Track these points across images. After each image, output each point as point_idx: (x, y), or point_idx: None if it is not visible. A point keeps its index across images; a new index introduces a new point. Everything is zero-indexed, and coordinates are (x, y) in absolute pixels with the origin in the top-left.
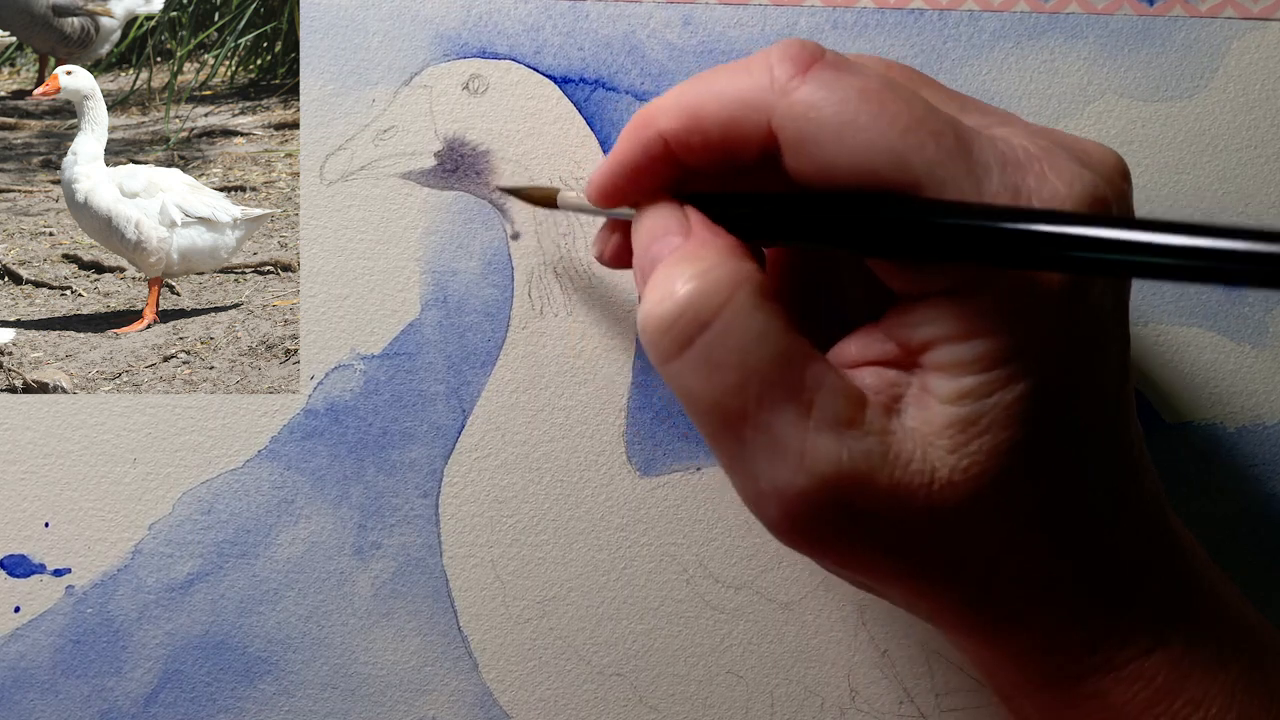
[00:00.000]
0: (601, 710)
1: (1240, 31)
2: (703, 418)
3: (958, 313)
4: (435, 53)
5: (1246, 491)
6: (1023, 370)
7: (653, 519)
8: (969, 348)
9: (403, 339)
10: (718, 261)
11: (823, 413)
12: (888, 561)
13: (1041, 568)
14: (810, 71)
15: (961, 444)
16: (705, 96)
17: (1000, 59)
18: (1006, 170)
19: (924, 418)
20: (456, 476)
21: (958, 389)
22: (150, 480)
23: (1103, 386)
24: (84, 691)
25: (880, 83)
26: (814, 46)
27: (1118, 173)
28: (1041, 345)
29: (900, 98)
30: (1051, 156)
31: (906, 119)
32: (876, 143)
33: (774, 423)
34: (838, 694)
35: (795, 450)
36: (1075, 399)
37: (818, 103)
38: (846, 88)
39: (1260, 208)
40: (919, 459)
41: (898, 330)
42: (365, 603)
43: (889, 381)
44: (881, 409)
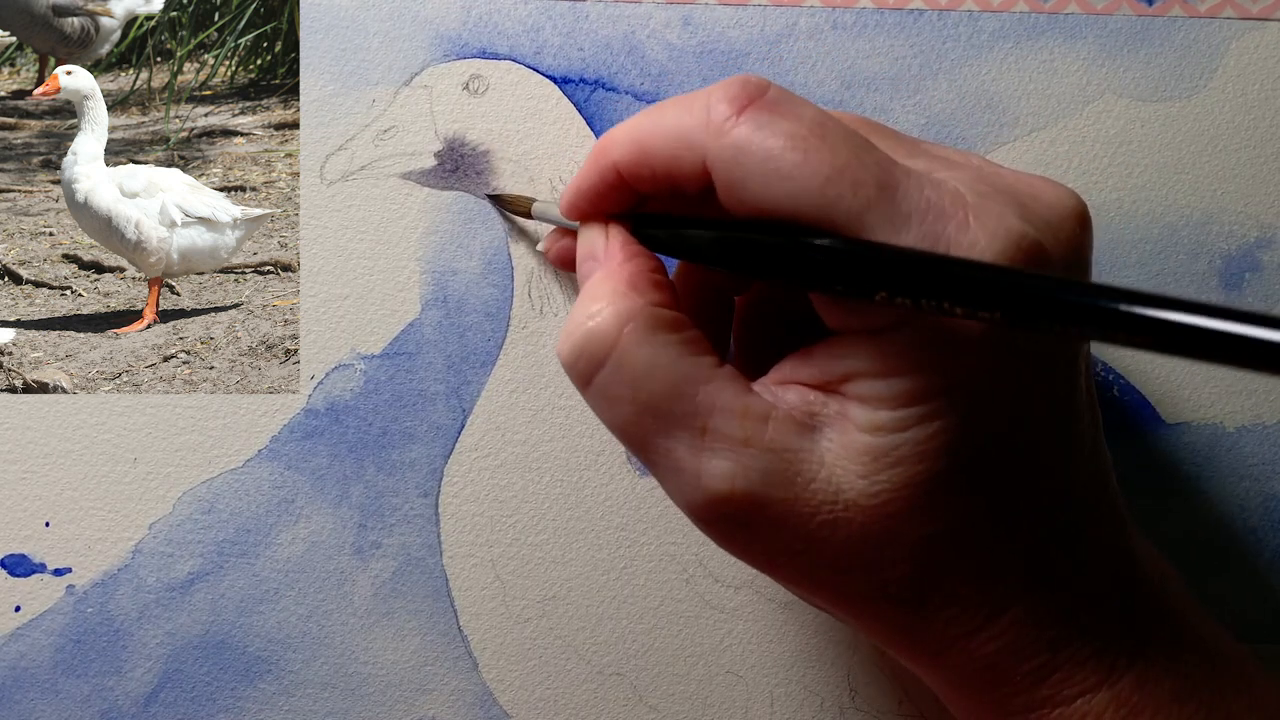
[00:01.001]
0: (601, 710)
1: (1239, 32)
2: (619, 440)
3: (878, 350)
4: (435, 53)
5: (1246, 491)
6: (940, 409)
7: (653, 519)
8: (886, 384)
9: (403, 339)
10: (611, 300)
11: (716, 434)
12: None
13: (975, 597)
14: (744, 113)
15: (873, 472)
16: (651, 130)
17: (999, 59)
18: (928, 219)
19: (841, 441)
20: (456, 476)
21: (873, 421)
22: (150, 480)
23: (1041, 425)
24: (84, 691)
25: (811, 127)
26: (756, 85)
27: (1070, 218)
28: (962, 386)
29: (826, 144)
30: (983, 204)
31: (829, 168)
32: (798, 191)
33: (672, 447)
34: (838, 694)
35: (691, 471)
36: (1005, 437)
37: (746, 146)
38: (775, 133)
39: (1259, 208)
40: (823, 478)
41: (824, 359)
42: (365, 602)
43: (808, 401)
44: (793, 426)
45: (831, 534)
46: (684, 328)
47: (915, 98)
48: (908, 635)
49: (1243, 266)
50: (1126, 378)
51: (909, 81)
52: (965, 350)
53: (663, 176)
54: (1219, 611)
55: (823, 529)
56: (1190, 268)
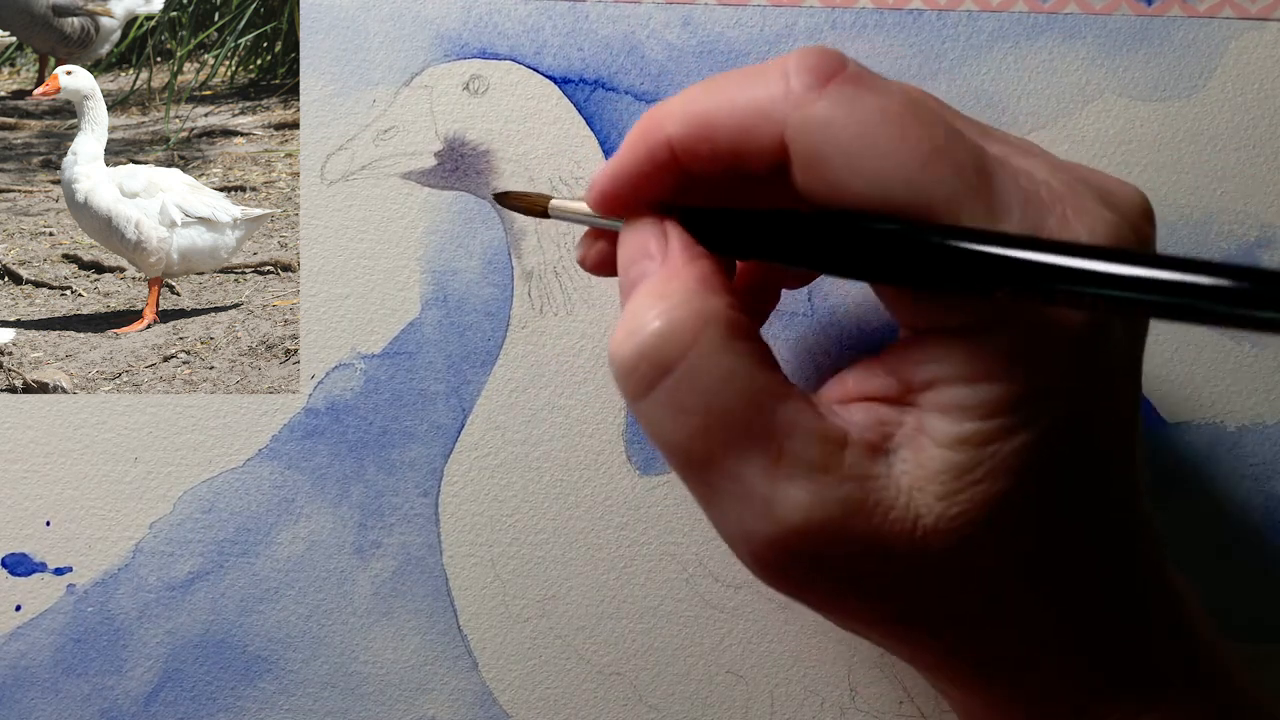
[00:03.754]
0: (601, 709)
1: (1238, 31)
2: (671, 459)
3: (967, 353)
4: (436, 53)
5: (1246, 491)
6: (1027, 419)
7: (653, 519)
8: (974, 391)
9: (403, 338)
10: (685, 299)
11: (793, 459)
12: (865, 609)
13: (1032, 623)
14: (830, 85)
15: (953, 491)
16: (717, 103)
17: (999, 59)
18: (1028, 209)
19: (917, 460)
20: (456, 476)
21: (957, 434)
22: (151, 479)
23: (1109, 438)
24: (84, 690)
25: (903, 104)
26: (836, 56)
27: (1141, 214)
28: (1050, 395)
29: (923, 122)
30: (1076, 196)
31: (928, 147)
32: (894, 170)
33: (741, 469)
34: (838, 694)
35: (762, 498)
36: (1079, 453)
37: (835, 120)
38: (867, 107)
39: (1259, 207)
40: (901, 505)
41: (900, 366)
42: (365, 602)
43: (880, 419)
44: (866, 450)
45: (906, 564)
46: (757, 338)
47: None
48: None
49: None
50: None
51: (908, 81)
52: (1061, 350)
53: (726, 153)
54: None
55: (902, 563)
56: None
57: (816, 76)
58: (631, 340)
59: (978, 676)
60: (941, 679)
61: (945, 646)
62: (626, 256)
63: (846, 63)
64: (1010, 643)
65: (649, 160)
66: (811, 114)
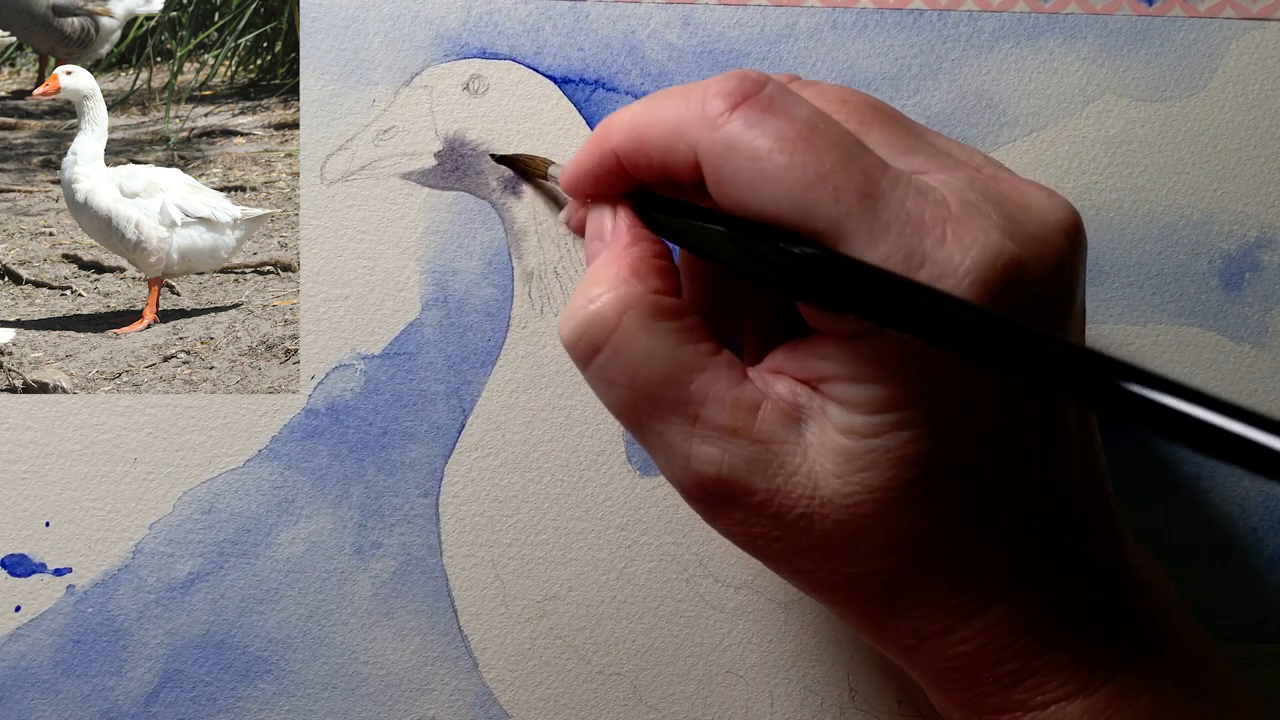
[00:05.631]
0: (601, 709)
1: (1239, 31)
2: (616, 418)
3: (853, 355)
4: (435, 53)
5: (1246, 491)
6: (913, 418)
7: (653, 519)
8: (860, 390)
9: (403, 339)
10: (613, 284)
11: (707, 422)
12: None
13: (947, 600)
14: (738, 110)
15: (847, 473)
16: (649, 119)
17: (1000, 59)
18: (905, 232)
19: (820, 438)
20: (456, 476)
21: (848, 424)
22: (151, 480)
23: (1022, 432)
24: (84, 691)
25: (801, 129)
26: (754, 81)
27: (1058, 231)
28: (935, 395)
29: (815, 148)
30: (966, 215)
31: (812, 174)
32: (780, 196)
33: (665, 431)
34: (838, 694)
35: (682, 453)
36: (983, 445)
37: (735, 144)
38: (765, 132)
39: (1259, 208)
40: (804, 472)
41: (806, 357)
42: (365, 602)
43: (795, 393)
44: (780, 417)
45: (808, 526)
46: (683, 315)
47: (915, 98)
48: (881, 628)
49: (1243, 266)
50: None
51: (909, 81)
52: (939, 361)
53: (659, 167)
54: (1218, 611)
55: (800, 520)
56: (1190, 268)
57: (728, 101)
58: (571, 321)
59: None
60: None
61: (859, 610)
62: (588, 235)
63: (764, 86)
64: (931, 617)
65: (601, 165)
66: (718, 138)
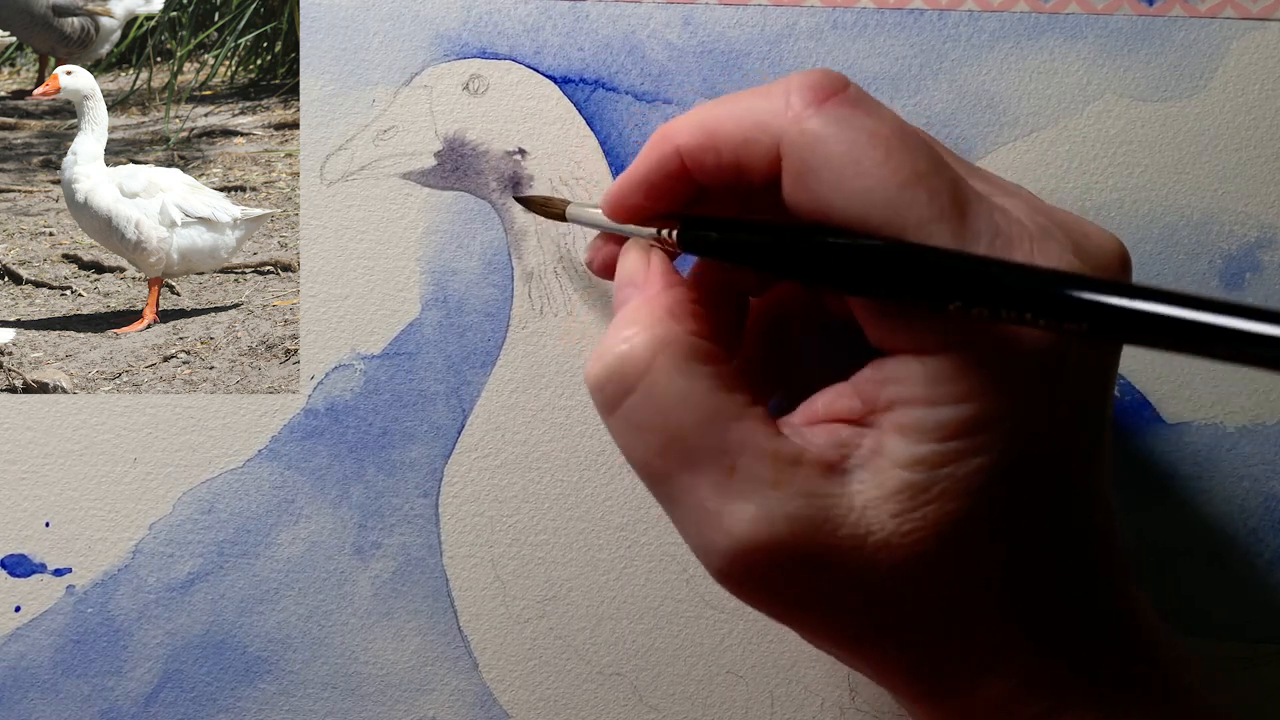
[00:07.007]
0: (601, 710)
1: (1240, 31)
2: (638, 473)
3: (927, 375)
4: (435, 53)
5: (1246, 491)
6: (984, 444)
7: (653, 519)
8: (932, 413)
9: (403, 339)
10: (648, 325)
11: (744, 475)
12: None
13: (991, 640)
14: (825, 104)
15: (907, 510)
16: (722, 115)
17: (1000, 59)
18: (996, 242)
19: (874, 481)
20: (456, 476)
21: (913, 455)
22: (150, 480)
23: (1073, 458)
24: (84, 691)
25: (892, 129)
26: (838, 79)
27: (1115, 260)
28: (1007, 419)
29: (908, 147)
30: (1044, 237)
31: (908, 171)
32: (873, 190)
33: (696, 484)
34: (838, 694)
35: (715, 512)
36: (1037, 475)
37: (825, 137)
38: (857, 128)
39: (1259, 208)
40: (851, 522)
41: (865, 387)
42: (365, 602)
43: (840, 440)
44: (821, 469)
45: (858, 579)
46: (719, 361)
47: (915, 98)
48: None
49: (1243, 266)
50: (1127, 377)
51: (909, 81)
52: (1018, 376)
53: (729, 164)
54: (1218, 612)
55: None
56: (1190, 268)
57: (815, 95)
58: (600, 362)
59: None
60: (905, 698)
61: (907, 664)
62: (618, 281)
63: (848, 86)
64: (971, 661)
65: (659, 169)
66: (805, 129)
